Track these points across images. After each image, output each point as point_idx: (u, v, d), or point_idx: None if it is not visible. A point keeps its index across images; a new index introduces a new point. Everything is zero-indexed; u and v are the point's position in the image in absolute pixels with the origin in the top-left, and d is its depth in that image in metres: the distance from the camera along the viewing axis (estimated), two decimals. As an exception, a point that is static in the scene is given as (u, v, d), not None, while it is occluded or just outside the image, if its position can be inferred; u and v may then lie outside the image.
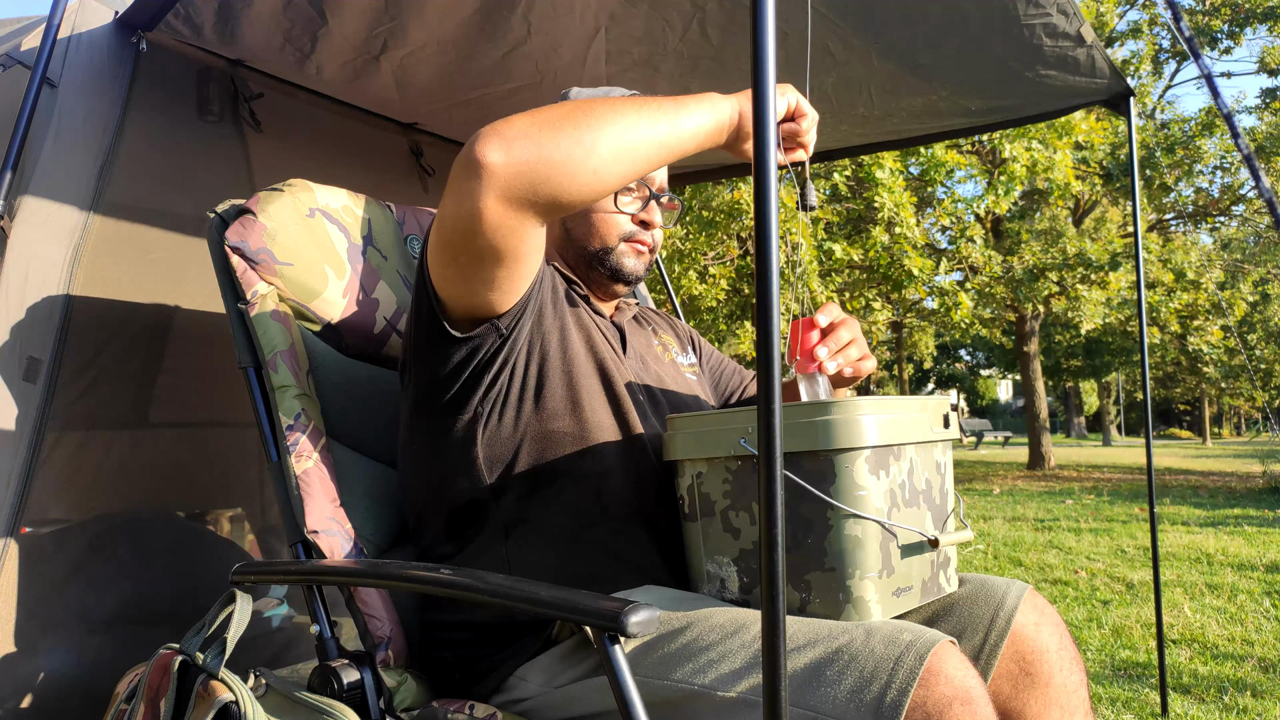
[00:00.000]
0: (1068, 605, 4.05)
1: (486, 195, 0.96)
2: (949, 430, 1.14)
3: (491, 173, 0.95)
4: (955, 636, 1.12)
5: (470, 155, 0.96)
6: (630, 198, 1.31)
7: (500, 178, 0.96)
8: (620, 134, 0.99)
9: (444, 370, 1.13)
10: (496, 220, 0.98)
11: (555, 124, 0.98)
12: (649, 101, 1.04)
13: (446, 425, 1.16)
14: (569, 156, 0.97)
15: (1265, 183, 2.40)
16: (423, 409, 1.18)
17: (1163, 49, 13.83)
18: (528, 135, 0.96)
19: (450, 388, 1.14)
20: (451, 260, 1.05)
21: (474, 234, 1.00)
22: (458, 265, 1.05)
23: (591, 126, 0.98)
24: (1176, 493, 9.57)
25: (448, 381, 1.14)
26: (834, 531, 0.99)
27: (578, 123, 0.98)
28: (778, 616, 0.69)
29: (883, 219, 8.80)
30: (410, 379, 1.19)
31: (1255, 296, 16.18)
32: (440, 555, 1.21)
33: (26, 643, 1.49)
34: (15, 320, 1.50)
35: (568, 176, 0.97)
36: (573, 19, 1.91)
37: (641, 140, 1.01)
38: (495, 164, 0.95)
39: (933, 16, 2.01)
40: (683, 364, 1.44)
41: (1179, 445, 27.38)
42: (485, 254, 1.03)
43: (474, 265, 1.04)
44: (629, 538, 1.16)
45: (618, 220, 1.30)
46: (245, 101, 1.95)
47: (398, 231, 1.50)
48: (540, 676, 1.08)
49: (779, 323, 0.72)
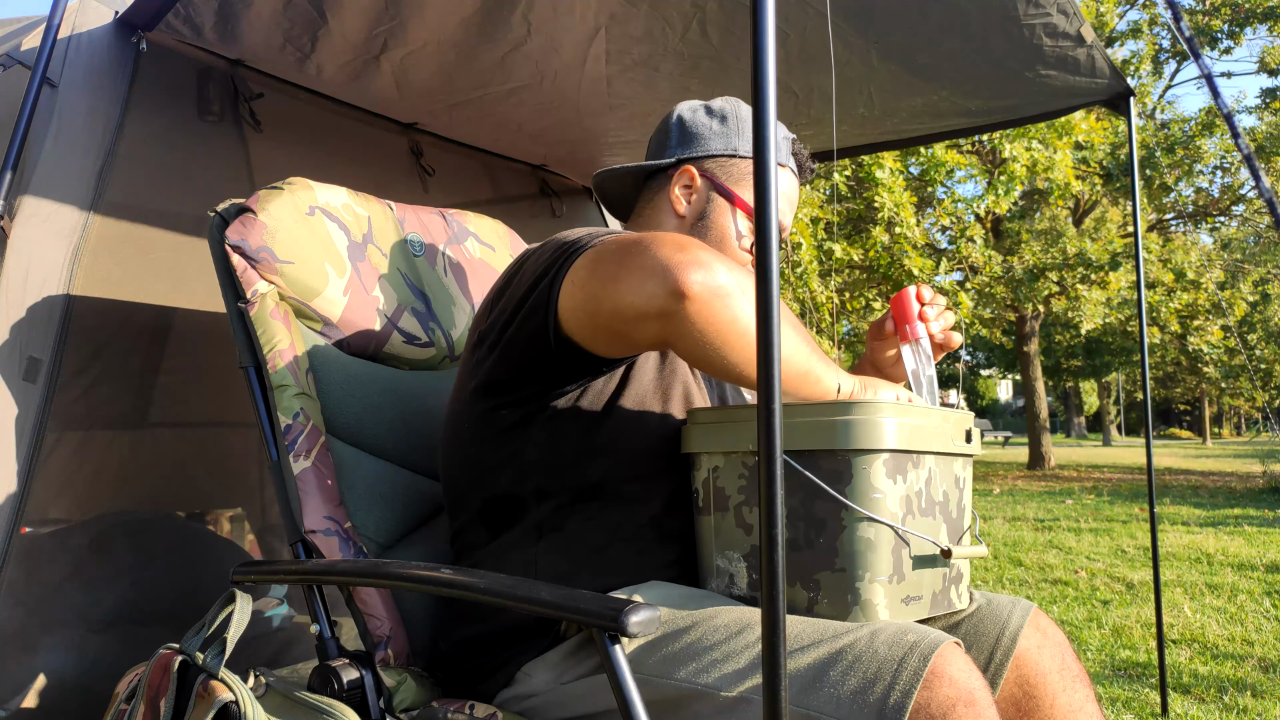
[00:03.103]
0: (1068, 605, 4.05)
1: (661, 314, 0.95)
2: (970, 445, 1.13)
3: (684, 304, 0.93)
4: None
5: (675, 270, 0.93)
6: None
7: (687, 314, 0.94)
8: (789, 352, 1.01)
9: (524, 373, 1.11)
10: (651, 331, 0.98)
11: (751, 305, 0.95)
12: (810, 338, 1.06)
13: (505, 418, 1.14)
14: (746, 345, 0.96)
15: (1265, 183, 2.40)
16: (486, 393, 1.15)
17: (1163, 49, 13.84)
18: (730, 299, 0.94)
19: (522, 389, 1.12)
20: (596, 323, 1.03)
21: (624, 326, 1.00)
22: (600, 330, 1.04)
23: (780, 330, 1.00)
24: (1177, 493, 9.58)
25: (522, 383, 1.12)
26: (847, 532, 0.99)
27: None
28: (778, 615, 0.69)
29: (883, 219, 8.80)
30: (483, 359, 1.15)
31: (1255, 296, 16.18)
32: (472, 541, 1.19)
33: (26, 643, 1.49)
34: (15, 320, 1.50)
35: (732, 356, 0.97)
36: (573, 19, 1.91)
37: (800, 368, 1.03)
38: (695, 298, 0.93)
39: (933, 16, 2.01)
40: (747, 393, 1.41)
41: (1179, 445, 27.39)
42: (625, 338, 1.02)
43: (612, 338, 1.04)
44: (654, 558, 1.15)
45: (742, 258, 1.27)
46: (245, 101, 1.95)
47: (398, 230, 1.50)
48: (547, 673, 1.08)
49: (779, 323, 0.72)
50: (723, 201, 1.26)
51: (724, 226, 1.26)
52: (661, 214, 1.30)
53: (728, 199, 1.26)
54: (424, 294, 1.49)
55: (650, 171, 1.32)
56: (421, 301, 1.48)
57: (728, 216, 1.26)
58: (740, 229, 1.26)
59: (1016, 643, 1.13)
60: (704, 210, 1.27)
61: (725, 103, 1.31)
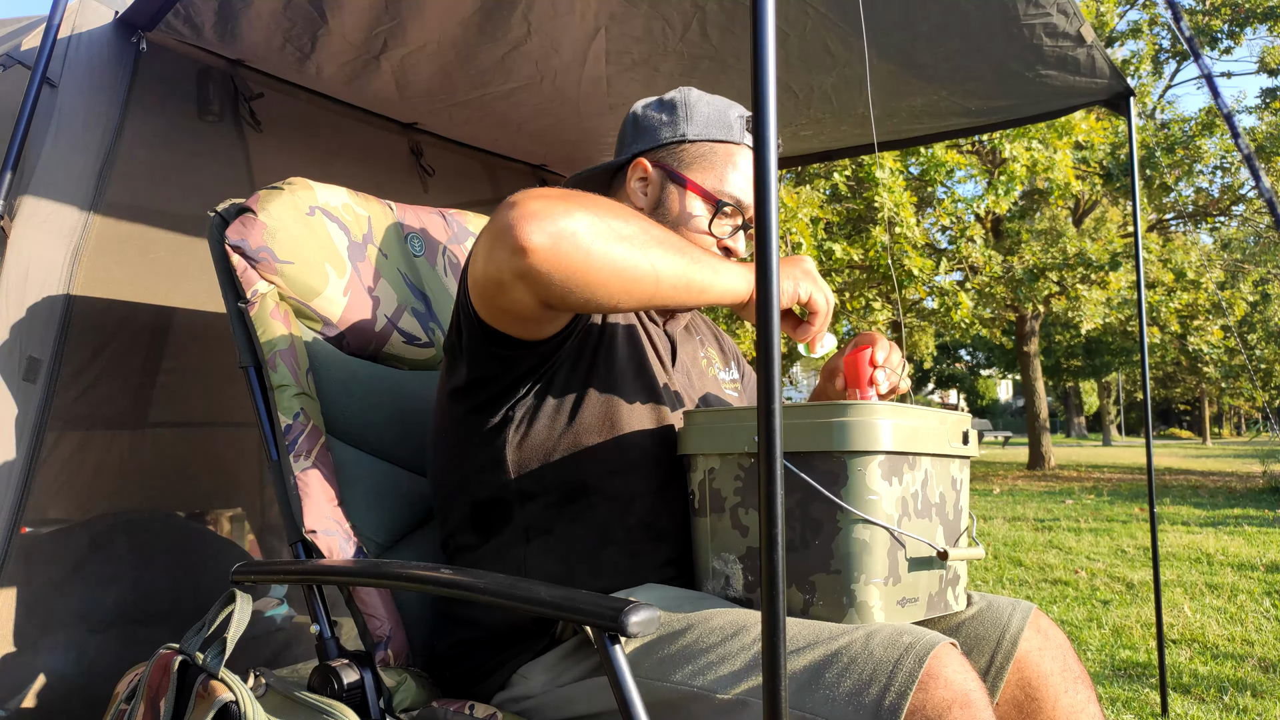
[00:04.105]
0: (1068, 605, 4.05)
1: (515, 276, 0.96)
2: (968, 447, 1.13)
3: (528, 258, 0.94)
4: None
5: (510, 229, 0.94)
6: (725, 222, 1.28)
7: (535, 267, 0.94)
8: (664, 267, 1.00)
9: (482, 373, 1.13)
10: (519, 297, 0.99)
11: (606, 237, 0.96)
12: (691, 246, 1.06)
13: (479, 422, 1.16)
14: (611, 276, 0.97)
15: (1265, 183, 2.40)
16: (459, 398, 1.17)
17: (1163, 49, 13.83)
18: (576, 238, 0.95)
19: (487, 389, 1.14)
20: (484, 304, 1.06)
21: (498, 298, 1.01)
22: (491, 308, 1.06)
23: (644, 249, 0.99)
24: (1177, 493, 9.58)
25: (485, 383, 1.13)
26: (842, 534, 0.99)
27: (632, 242, 0.98)
28: (778, 616, 0.69)
29: (883, 219, 8.80)
30: (451, 365, 1.18)
31: (1255, 296, 16.17)
32: (463, 544, 1.20)
33: (26, 643, 1.50)
34: (15, 320, 1.50)
35: (602, 292, 0.97)
36: (573, 19, 1.91)
37: (680, 280, 1.02)
38: (535, 249, 0.94)
39: (933, 16, 2.01)
40: (724, 380, 1.41)
41: (1179, 445, 27.38)
42: (511, 311, 1.04)
43: (503, 314, 1.05)
44: (647, 559, 1.16)
45: (706, 241, 1.27)
46: (245, 101, 1.95)
47: (398, 230, 1.50)
48: (543, 675, 1.08)
49: (779, 323, 0.72)
50: (675, 187, 1.27)
51: (681, 212, 1.27)
52: None
53: (680, 184, 1.27)
54: (424, 294, 1.49)
55: (614, 170, 1.34)
56: (421, 302, 1.48)
57: (682, 201, 1.27)
58: (694, 210, 1.27)
59: (1017, 645, 1.13)
60: (659, 199, 1.28)
61: (676, 93, 1.32)
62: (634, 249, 0.98)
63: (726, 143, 1.28)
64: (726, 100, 1.32)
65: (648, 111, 1.33)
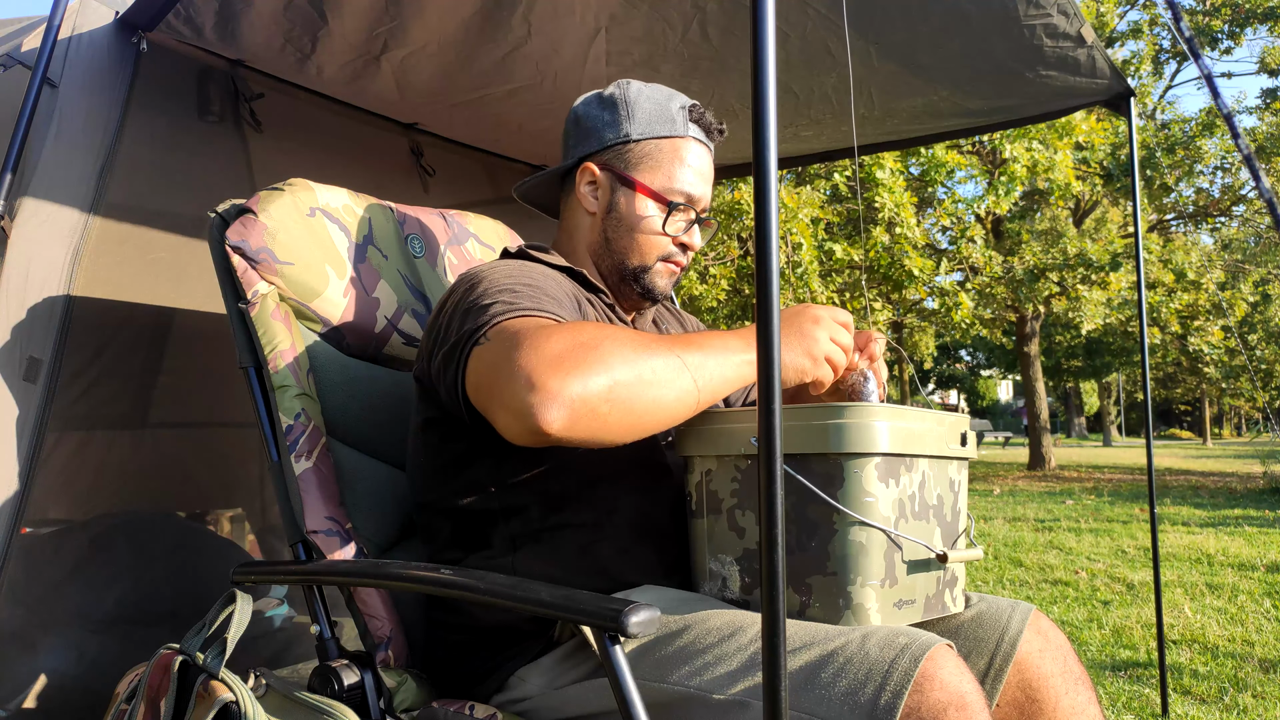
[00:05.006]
0: (1068, 606, 4.05)
1: (534, 442, 0.94)
2: (966, 449, 1.13)
3: (549, 439, 0.92)
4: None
5: (530, 414, 0.90)
6: (679, 219, 1.27)
7: (557, 438, 0.92)
8: (683, 400, 0.98)
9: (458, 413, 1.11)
10: (539, 440, 0.95)
11: (625, 398, 0.93)
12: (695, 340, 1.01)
13: (453, 449, 1.16)
14: (631, 431, 0.95)
15: (1265, 183, 2.40)
16: (430, 428, 1.18)
17: (1163, 49, 13.83)
18: (594, 415, 0.92)
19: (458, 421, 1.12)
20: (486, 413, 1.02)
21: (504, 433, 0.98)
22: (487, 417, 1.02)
23: (666, 387, 0.96)
24: (1177, 493, 9.57)
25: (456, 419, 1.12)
26: (838, 536, 0.99)
27: (651, 387, 0.95)
28: (778, 617, 0.69)
29: (883, 219, 8.80)
30: (422, 397, 1.19)
31: (1256, 297, 16.16)
32: (449, 560, 1.20)
33: (26, 643, 1.50)
34: (15, 320, 1.50)
35: (631, 436, 0.96)
36: (573, 19, 1.91)
37: (718, 383, 1.00)
38: (557, 433, 0.91)
39: (933, 17, 2.01)
40: None
41: (1179, 445, 27.38)
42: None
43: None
44: (635, 558, 1.15)
45: (662, 241, 1.27)
46: (245, 102, 1.95)
47: (398, 231, 1.50)
48: (541, 678, 1.08)
49: (779, 322, 0.72)
50: (625, 190, 1.27)
51: (633, 215, 1.26)
52: (577, 215, 1.32)
53: (629, 186, 1.26)
54: (424, 295, 1.49)
55: (563, 174, 1.34)
56: (422, 303, 1.48)
57: (633, 203, 1.26)
58: (646, 212, 1.26)
59: (1017, 646, 1.12)
60: (611, 202, 1.28)
61: (615, 88, 1.31)
62: (654, 392, 0.95)
63: (671, 138, 1.27)
64: (667, 90, 1.31)
65: (589, 110, 1.31)
